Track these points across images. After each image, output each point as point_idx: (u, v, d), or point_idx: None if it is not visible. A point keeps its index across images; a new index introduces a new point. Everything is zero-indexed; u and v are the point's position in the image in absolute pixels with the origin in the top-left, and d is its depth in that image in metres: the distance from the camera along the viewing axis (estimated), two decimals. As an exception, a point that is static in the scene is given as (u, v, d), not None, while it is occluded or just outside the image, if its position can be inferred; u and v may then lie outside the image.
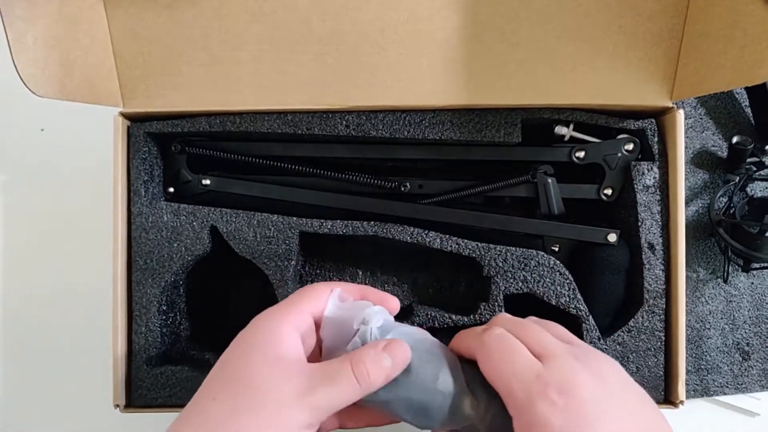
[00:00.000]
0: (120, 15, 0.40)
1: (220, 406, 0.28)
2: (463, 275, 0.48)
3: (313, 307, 0.31)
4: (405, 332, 0.32)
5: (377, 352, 0.29)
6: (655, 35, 0.39)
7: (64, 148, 0.53)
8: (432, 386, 0.30)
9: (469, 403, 0.29)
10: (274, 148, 0.44)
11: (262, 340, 0.29)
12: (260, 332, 0.30)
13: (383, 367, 0.29)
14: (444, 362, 0.31)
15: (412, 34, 0.40)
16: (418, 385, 0.30)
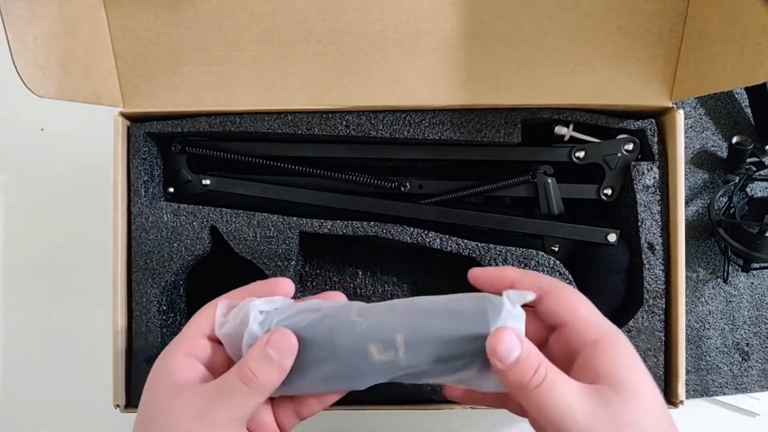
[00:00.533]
0: (120, 15, 0.40)
1: None
2: (464, 275, 0.48)
3: (204, 329, 0.32)
4: (294, 313, 0.31)
5: (259, 350, 0.29)
6: (655, 35, 0.39)
7: (64, 148, 0.53)
8: (336, 352, 0.29)
9: (376, 349, 0.29)
10: (274, 148, 0.44)
11: (159, 375, 0.30)
12: (158, 369, 0.31)
13: (271, 362, 0.29)
14: (343, 321, 0.30)
15: (412, 34, 0.40)
16: (324, 357, 0.30)
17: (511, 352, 0.27)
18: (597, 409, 0.26)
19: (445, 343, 0.29)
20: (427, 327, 0.29)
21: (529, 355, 0.27)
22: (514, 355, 0.27)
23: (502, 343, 0.27)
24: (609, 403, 0.26)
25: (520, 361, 0.27)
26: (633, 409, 0.26)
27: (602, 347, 0.28)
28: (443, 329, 0.29)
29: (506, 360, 0.27)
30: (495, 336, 0.27)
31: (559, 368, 0.28)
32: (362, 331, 0.29)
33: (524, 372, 0.27)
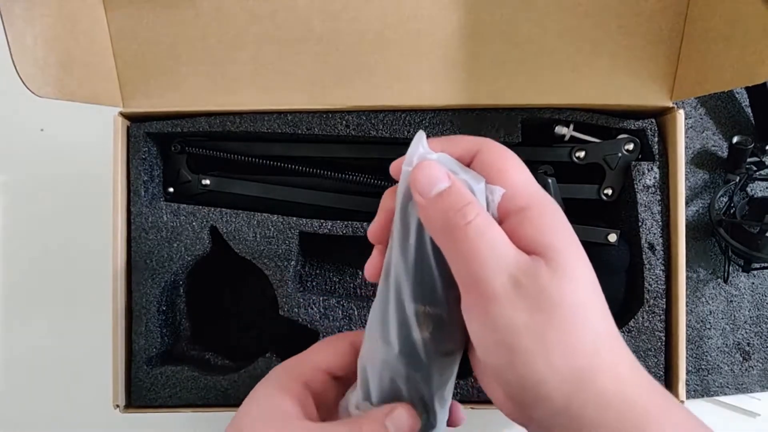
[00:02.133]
0: (120, 15, 0.40)
1: None
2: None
3: (328, 362, 0.29)
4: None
5: (379, 423, 0.26)
6: (655, 35, 0.39)
7: (63, 148, 0.53)
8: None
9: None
10: (274, 148, 0.44)
11: (270, 393, 0.28)
12: (271, 388, 0.28)
13: None
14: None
15: (412, 34, 0.40)
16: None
17: (436, 183, 0.23)
18: (523, 280, 0.22)
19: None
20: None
21: (459, 191, 0.23)
22: (439, 187, 0.23)
23: (424, 174, 0.24)
24: (536, 276, 0.22)
25: (446, 193, 0.23)
26: (564, 285, 0.22)
27: (531, 214, 0.24)
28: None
29: (429, 192, 0.23)
30: (418, 167, 0.24)
31: None
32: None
33: (449, 205, 0.23)
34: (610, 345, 0.23)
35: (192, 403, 0.42)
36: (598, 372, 0.22)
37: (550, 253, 0.23)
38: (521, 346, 0.22)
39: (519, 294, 0.22)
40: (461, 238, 0.23)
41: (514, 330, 0.22)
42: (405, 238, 0.25)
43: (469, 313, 0.24)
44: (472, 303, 0.23)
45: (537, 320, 0.22)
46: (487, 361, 0.24)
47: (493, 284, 0.22)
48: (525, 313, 0.22)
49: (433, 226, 0.24)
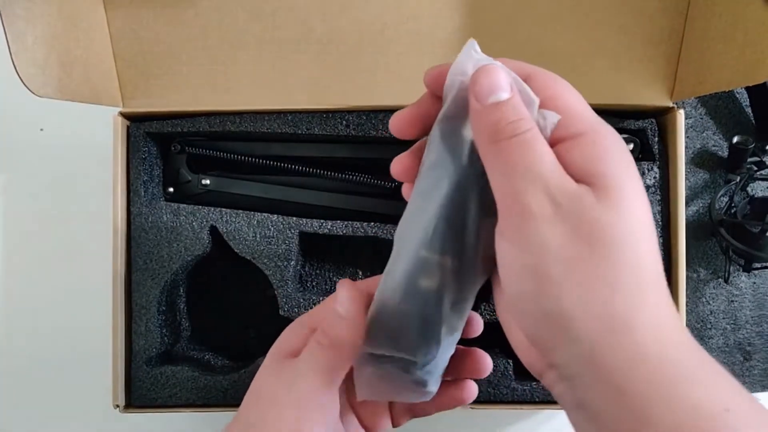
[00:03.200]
0: (120, 15, 0.40)
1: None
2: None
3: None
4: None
5: (329, 310, 0.27)
6: (655, 35, 0.39)
7: (63, 148, 0.53)
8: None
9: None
10: (274, 148, 0.44)
11: (272, 348, 0.30)
12: (275, 344, 0.30)
13: (339, 317, 0.26)
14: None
15: (413, 34, 0.40)
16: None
17: (497, 91, 0.22)
18: (564, 202, 0.20)
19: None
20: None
21: (517, 105, 0.22)
22: (499, 96, 0.22)
23: (488, 78, 0.22)
24: (579, 201, 0.20)
25: (504, 104, 0.21)
26: (611, 215, 0.20)
27: (584, 141, 0.21)
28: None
29: (487, 98, 0.22)
30: (483, 70, 0.22)
31: None
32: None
33: (503, 116, 0.21)
34: (655, 293, 0.20)
35: (192, 403, 0.42)
36: (636, 320, 0.20)
37: (599, 181, 0.20)
38: (551, 272, 0.20)
39: (557, 215, 0.20)
40: (506, 149, 0.21)
41: (547, 252, 0.20)
42: (445, 166, 0.23)
43: (502, 233, 0.21)
44: (506, 222, 0.21)
45: (574, 247, 0.20)
46: (512, 290, 0.21)
47: (530, 200, 0.20)
48: (561, 237, 0.20)
49: (481, 134, 0.22)
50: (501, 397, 0.41)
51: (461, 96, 0.23)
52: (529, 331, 0.22)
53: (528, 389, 0.41)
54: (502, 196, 0.21)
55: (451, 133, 0.24)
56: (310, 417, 0.26)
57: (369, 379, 0.28)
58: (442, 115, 0.24)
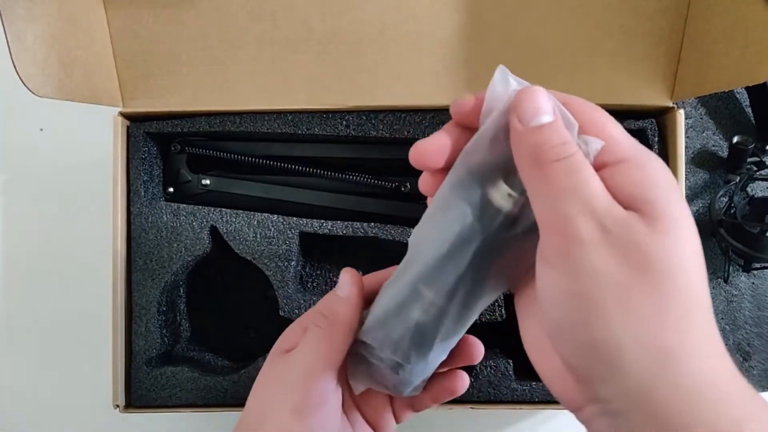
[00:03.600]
0: (120, 15, 0.40)
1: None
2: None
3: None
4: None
5: (328, 294, 0.29)
6: (655, 35, 0.39)
7: (63, 148, 0.53)
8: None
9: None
10: (274, 148, 0.44)
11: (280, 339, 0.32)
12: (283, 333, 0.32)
13: (337, 297, 0.29)
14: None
15: (413, 34, 0.40)
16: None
17: (541, 114, 0.21)
18: (614, 229, 0.19)
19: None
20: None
21: (560, 129, 0.21)
22: (542, 119, 0.21)
23: (532, 100, 0.21)
24: (630, 228, 0.19)
25: (547, 128, 0.21)
26: (662, 242, 0.19)
27: (629, 167, 0.21)
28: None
29: (530, 121, 0.21)
30: (526, 91, 0.21)
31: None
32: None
33: (546, 140, 0.20)
34: (706, 325, 0.20)
35: (192, 404, 0.42)
36: (689, 350, 0.19)
37: (648, 208, 0.20)
38: (600, 300, 0.19)
39: (606, 241, 0.19)
40: (551, 173, 0.20)
41: (595, 279, 0.19)
42: (469, 200, 0.23)
43: (546, 259, 0.21)
44: (550, 247, 0.20)
45: (624, 275, 0.19)
46: (554, 317, 0.21)
47: (579, 225, 0.19)
48: (611, 264, 0.19)
49: (523, 157, 0.21)
50: (501, 397, 0.41)
51: (497, 126, 0.22)
52: (571, 361, 0.21)
53: (528, 389, 0.41)
54: (547, 220, 0.20)
55: (477, 171, 0.23)
56: (311, 397, 0.27)
57: (359, 369, 0.29)
58: (471, 147, 0.23)
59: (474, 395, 0.41)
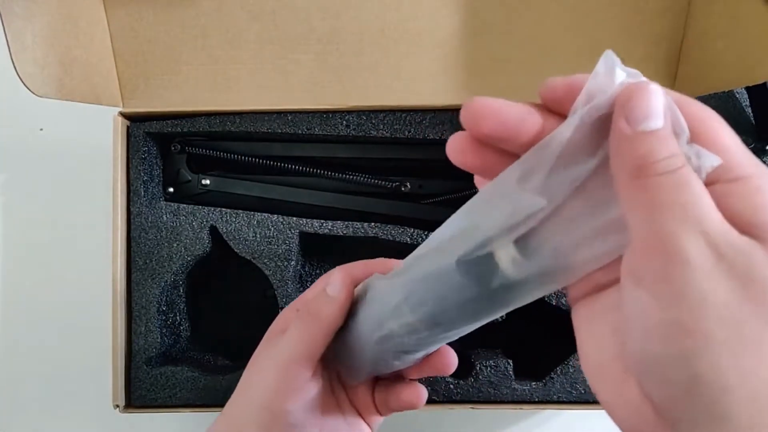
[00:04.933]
0: (120, 14, 0.40)
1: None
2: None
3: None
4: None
5: (318, 290, 0.30)
6: (656, 35, 0.39)
7: (63, 148, 0.53)
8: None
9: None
10: (274, 148, 0.44)
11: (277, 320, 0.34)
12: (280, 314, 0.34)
13: (325, 295, 0.29)
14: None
15: (413, 34, 0.40)
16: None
17: (651, 118, 0.18)
18: (729, 253, 0.17)
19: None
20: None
21: (669, 138, 0.18)
22: (651, 124, 0.18)
23: (644, 100, 0.18)
24: (748, 255, 0.17)
25: (655, 135, 0.18)
26: None
27: (746, 187, 0.18)
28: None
29: (639, 123, 0.18)
30: (639, 88, 0.18)
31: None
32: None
33: (655, 148, 0.18)
34: None
35: (192, 403, 0.42)
36: None
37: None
38: (710, 333, 0.16)
39: (721, 268, 0.17)
40: (657, 186, 0.18)
41: (706, 308, 0.17)
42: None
43: (639, 280, 0.18)
44: (647, 268, 0.18)
45: (741, 308, 0.17)
46: (645, 348, 0.18)
47: (686, 246, 0.17)
48: (726, 294, 0.17)
49: (624, 163, 0.18)
50: (501, 397, 0.41)
51: (591, 121, 0.19)
52: (658, 398, 0.18)
53: (528, 389, 0.41)
54: (645, 237, 0.18)
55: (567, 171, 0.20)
56: (288, 383, 0.29)
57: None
58: (557, 139, 0.19)
59: (474, 395, 0.41)
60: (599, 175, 0.19)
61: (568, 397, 0.40)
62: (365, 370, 0.30)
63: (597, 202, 0.20)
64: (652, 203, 0.18)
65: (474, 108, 0.20)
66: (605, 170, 0.19)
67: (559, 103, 0.20)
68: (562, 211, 0.20)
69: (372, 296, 0.28)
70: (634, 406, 0.19)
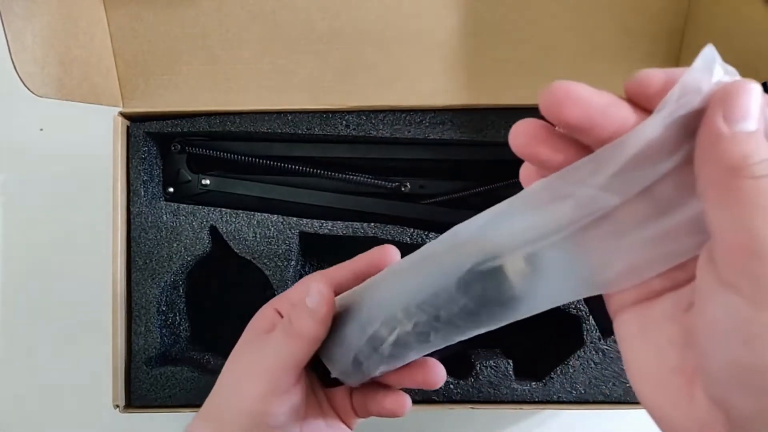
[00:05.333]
0: (120, 14, 0.40)
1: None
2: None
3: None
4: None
5: (301, 302, 0.29)
6: (656, 35, 0.39)
7: (63, 148, 0.53)
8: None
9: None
10: (274, 148, 0.44)
11: (252, 320, 0.34)
12: (256, 315, 0.34)
13: (307, 311, 0.28)
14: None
15: (413, 34, 0.40)
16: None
17: (749, 118, 0.17)
18: None
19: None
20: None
21: (763, 141, 0.17)
22: (751, 125, 0.17)
23: (747, 98, 0.17)
24: None
25: (755, 135, 0.17)
26: None
27: None
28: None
29: (737, 123, 0.17)
30: (741, 86, 0.17)
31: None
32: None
33: (754, 150, 0.17)
34: None
35: (191, 404, 0.42)
36: None
37: None
38: None
39: None
40: (754, 188, 0.17)
41: None
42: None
43: (729, 284, 0.17)
44: (745, 270, 0.17)
45: None
46: (734, 357, 0.17)
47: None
48: None
49: (715, 162, 0.17)
50: (501, 397, 0.41)
51: (677, 119, 0.18)
52: (743, 408, 0.17)
53: (528, 389, 0.41)
54: (741, 240, 0.17)
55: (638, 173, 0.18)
56: (275, 387, 0.29)
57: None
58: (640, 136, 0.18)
59: (474, 395, 0.41)
60: (669, 178, 0.18)
61: (567, 397, 0.40)
62: (357, 372, 0.29)
63: (662, 206, 0.18)
64: (750, 205, 0.17)
65: (558, 92, 0.18)
66: (678, 173, 0.18)
67: (647, 97, 0.19)
68: (617, 214, 0.19)
69: (361, 302, 0.28)
70: (699, 418, 0.18)
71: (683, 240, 0.19)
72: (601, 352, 0.40)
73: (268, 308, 0.33)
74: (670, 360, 0.19)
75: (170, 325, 0.44)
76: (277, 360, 0.29)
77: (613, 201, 0.18)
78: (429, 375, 0.30)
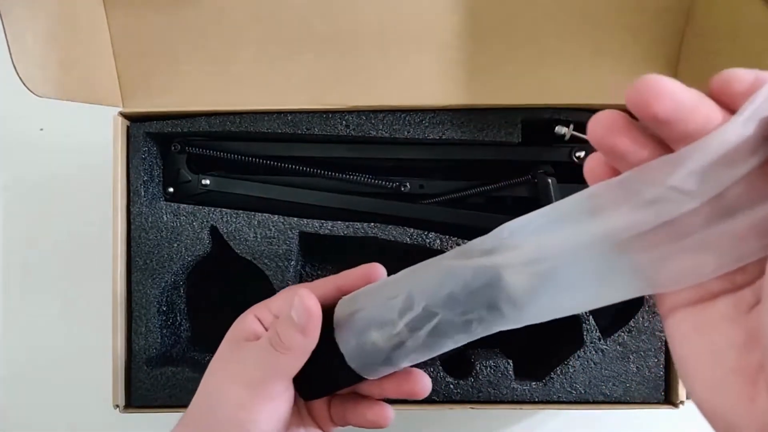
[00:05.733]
0: (120, 14, 0.40)
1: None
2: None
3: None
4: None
5: (286, 315, 0.29)
6: (656, 35, 0.39)
7: (63, 148, 0.53)
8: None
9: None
10: (275, 148, 0.44)
11: (232, 328, 0.34)
12: (235, 323, 0.35)
13: (294, 325, 0.28)
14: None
15: (413, 34, 0.40)
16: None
17: None
18: None
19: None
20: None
21: None
22: None
23: None
24: None
25: None
26: None
27: None
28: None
29: None
30: None
31: None
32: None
33: None
34: None
35: (192, 404, 0.42)
36: None
37: None
38: None
39: None
40: None
41: None
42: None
43: None
44: None
45: None
46: None
47: None
48: None
49: None
50: (501, 397, 0.41)
51: (760, 120, 0.17)
52: None
53: (528, 389, 0.41)
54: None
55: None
56: (262, 397, 0.29)
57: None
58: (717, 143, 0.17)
59: (474, 395, 0.41)
60: (741, 179, 0.18)
61: (567, 397, 0.40)
62: (380, 363, 0.29)
63: (730, 207, 0.18)
64: None
65: (648, 86, 0.17)
66: (750, 174, 0.17)
67: (732, 96, 0.18)
68: (682, 215, 0.18)
69: (365, 310, 0.28)
70: (761, 418, 0.18)
71: (750, 242, 0.18)
72: (601, 352, 0.40)
73: (249, 315, 0.33)
74: (728, 360, 0.18)
75: (171, 325, 0.44)
76: (266, 369, 0.29)
77: (692, 204, 0.18)
78: (416, 385, 0.30)
